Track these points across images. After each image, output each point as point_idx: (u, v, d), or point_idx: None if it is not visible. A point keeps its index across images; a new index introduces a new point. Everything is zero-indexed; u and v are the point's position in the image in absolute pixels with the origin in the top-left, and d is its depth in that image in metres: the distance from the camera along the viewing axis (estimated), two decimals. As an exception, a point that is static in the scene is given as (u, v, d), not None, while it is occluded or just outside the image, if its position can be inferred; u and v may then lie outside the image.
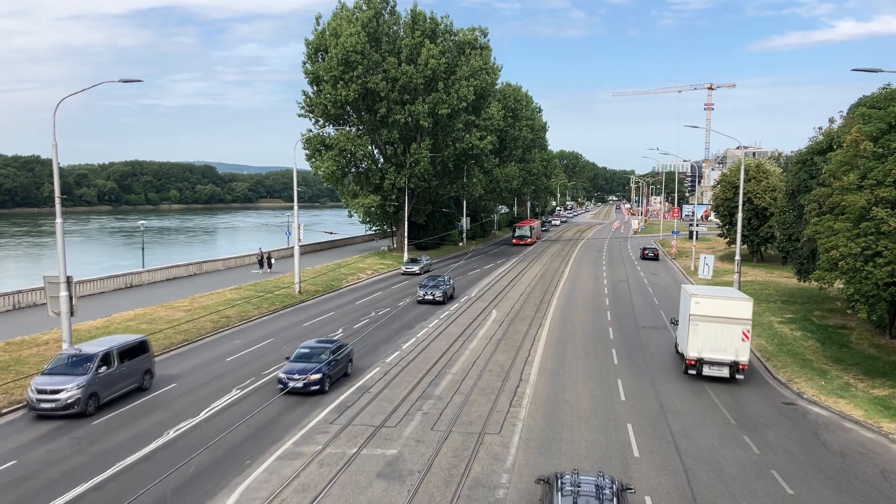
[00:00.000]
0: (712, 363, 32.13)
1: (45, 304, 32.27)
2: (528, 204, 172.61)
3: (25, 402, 26.42)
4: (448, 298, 52.83)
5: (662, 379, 32.27)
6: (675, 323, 38.89)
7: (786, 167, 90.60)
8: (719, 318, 32.18)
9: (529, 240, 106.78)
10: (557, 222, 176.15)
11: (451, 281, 55.23)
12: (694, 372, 32.50)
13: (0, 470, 21.12)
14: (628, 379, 32.10)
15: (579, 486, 15.79)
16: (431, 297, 51.17)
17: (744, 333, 31.96)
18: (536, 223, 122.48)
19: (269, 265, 66.77)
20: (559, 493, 15.66)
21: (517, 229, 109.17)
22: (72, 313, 30.53)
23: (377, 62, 73.71)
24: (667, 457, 22.94)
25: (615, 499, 15.49)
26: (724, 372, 32.03)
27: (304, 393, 28.61)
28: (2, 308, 44.47)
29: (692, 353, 32.46)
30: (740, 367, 31.98)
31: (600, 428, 25.51)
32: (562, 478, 16.46)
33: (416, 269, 69.44)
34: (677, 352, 36.90)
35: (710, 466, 22.21)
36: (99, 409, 26.45)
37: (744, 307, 32.35)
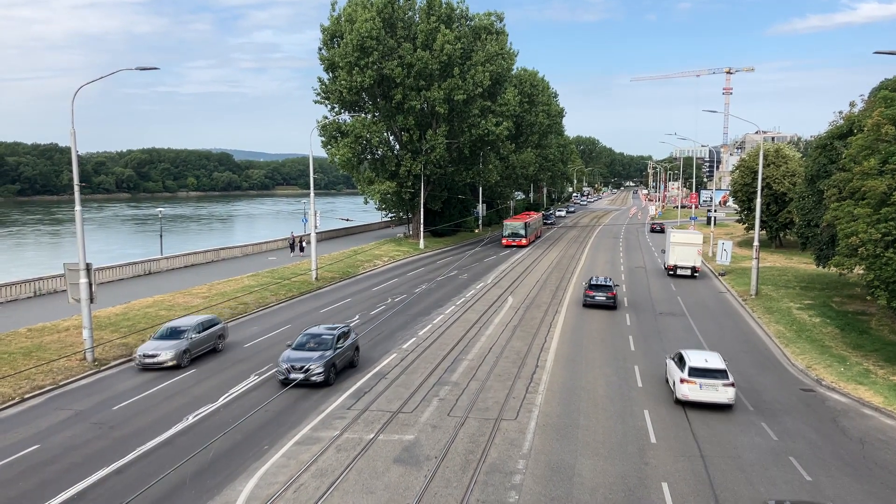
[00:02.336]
0: (681, 267, 58.83)
1: (65, 290, 32.61)
2: (545, 190, 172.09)
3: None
4: (348, 367, 30.44)
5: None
6: (663, 252, 64.85)
7: (805, 152, 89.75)
8: (685, 243, 59.20)
9: (524, 240, 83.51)
10: (563, 213, 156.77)
11: (353, 336, 31.64)
12: (672, 273, 59.11)
13: (23, 454, 21.45)
14: (645, 365, 32.02)
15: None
16: (303, 377, 27.65)
17: (697, 251, 58.81)
18: (535, 217, 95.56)
19: (301, 249, 68.55)
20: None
21: (507, 226, 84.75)
22: (91, 300, 30.85)
23: (392, 48, 73.47)
24: (684, 443, 22.90)
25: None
26: (688, 272, 58.72)
27: (307, 385, 28.10)
28: (23, 295, 45.00)
29: (671, 262, 59.38)
30: (696, 269, 58.86)
31: (617, 414, 25.49)
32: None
33: (163, 356, 30.61)
34: (664, 267, 61.44)
35: (727, 453, 22.16)
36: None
37: (698, 237, 59.77)
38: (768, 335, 38.67)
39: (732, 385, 26.14)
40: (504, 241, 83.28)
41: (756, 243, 49.66)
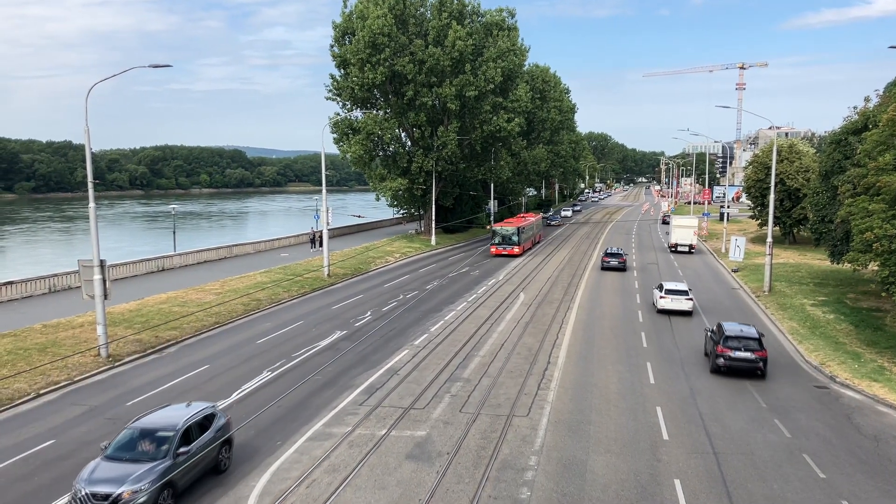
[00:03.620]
0: (681, 244, 74.00)
1: (79, 287, 32.84)
2: (556, 186, 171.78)
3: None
4: (211, 473, 20.10)
5: (692, 362, 32.06)
6: (668, 233, 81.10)
7: (819, 147, 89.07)
8: (683, 226, 75.40)
9: (516, 248, 69.88)
10: (569, 212, 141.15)
11: (222, 421, 20.93)
12: (672, 250, 74.42)
13: (39, 449, 21.64)
14: (658, 362, 31.94)
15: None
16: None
17: (693, 232, 74.84)
18: (532, 220, 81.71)
19: (321, 243, 68.45)
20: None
21: (496, 233, 71.52)
22: (105, 296, 31.03)
23: (404, 45, 73.47)
24: (696, 440, 22.83)
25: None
26: (686, 249, 73.54)
27: (317, 383, 28.36)
28: (38, 291, 45.35)
29: (672, 241, 75.15)
30: (693, 246, 73.98)
31: (629, 411, 25.44)
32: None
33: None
34: (666, 243, 79.34)
35: (740, 449, 22.07)
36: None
37: (693, 221, 78.56)
38: (781, 332, 38.47)
39: (691, 299, 42.45)
40: (492, 249, 70.58)
41: (769, 239, 49.39)
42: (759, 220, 78.57)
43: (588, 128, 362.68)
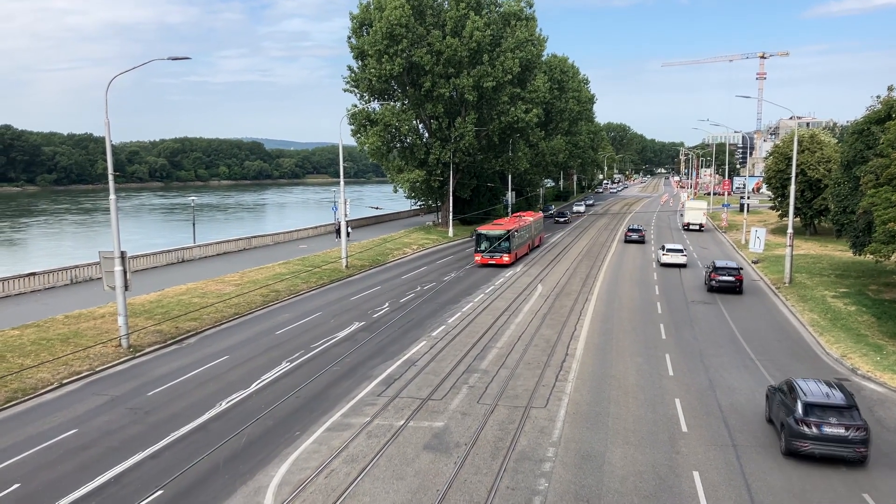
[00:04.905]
0: (692, 223, 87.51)
1: (100, 278, 33.17)
2: (575, 177, 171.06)
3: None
4: None
5: (711, 354, 31.87)
6: (681, 215, 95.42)
7: (841, 137, 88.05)
8: (694, 208, 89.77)
9: (506, 256, 57.20)
10: (581, 207, 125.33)
11: None
12: (685, 228, 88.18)
13: (62, 438, 21.93)
14: (676, 354, 31.78)
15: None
16: None
17: (703, 213, 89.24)
18: (528, 221, 67.58)
19: (347, 234, 69.11)
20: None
21: (481, 237, 58.34)
22: (126, 287, 31.33)
23: (422, 35, 73.33)
24: (716, 432, 22.72)
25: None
26: (697, 228, 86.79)
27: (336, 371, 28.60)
28: (60, 282, 45.88)
29: (685, 221, 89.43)
30: (702, 225, 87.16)
31: (647, 403, 25.35)
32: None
33: None
34: (679, 222, 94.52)
35: (759, 442, 21.93)
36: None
37: (702, 204, 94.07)
38: (802, 323, 38.14)
39: (685, 255, 58.08)
40: (476, 257, 57.56)
41: (790, 230, 48.91)
42: (780, 211, 77.83)
43: (607, 118, 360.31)
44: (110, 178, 31.42)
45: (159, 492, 18.26)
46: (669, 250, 57.88)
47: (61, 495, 18.19)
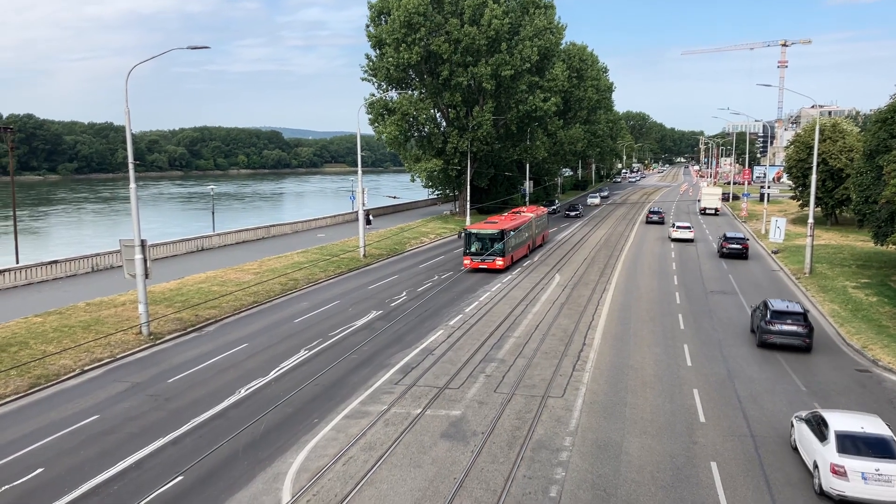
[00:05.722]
0: (708, 208, 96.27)
1: (121, 266, 33.50)
2: (593, 166, 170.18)
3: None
4: None
5: (730, 344, 31.69)
6: (699, 201, 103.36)
7: (864, 126, 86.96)
8: (709, 194, 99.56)
9: (499, 260, 49.20)
10: (597, 199, 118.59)
11: None
12: (702, 212, 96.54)
13: (84, 424, 22.23)
14: (695, 344, 31.64)
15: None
16: None
17: (718, 198, 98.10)
18: (529, 216, 59.93)
19: (368, 221, 69.59)
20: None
21: (471, 237, 50.45)
22: (146, 275, 31.60)
23: (440, 24, 73.10)
24: (734, 422, 22.62)
25: None
26: (712, 212, 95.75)
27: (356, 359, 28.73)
28: (82, 270, 46.39)
29: (701, 206, 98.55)
30: (717, 209, 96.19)
31: (665, 393, 25.28)
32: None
33: None
34: (698, 210, 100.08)
35: (778, 433, 21.81)
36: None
37: (717, 191, 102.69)
38: (822, 314, 37.82)
39: (692, 231, 66.91)
40: (466, 261, 49.73)
41: (811, 220, 48.44)
42: (801, 201, 77.11)
43: (626, 107, 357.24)
44: (130, 166, 31.66)
45: (179, 477, 18.48)
46: (679, 227, 67.03)
47: (84, 480, 18.46)
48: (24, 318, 32.85)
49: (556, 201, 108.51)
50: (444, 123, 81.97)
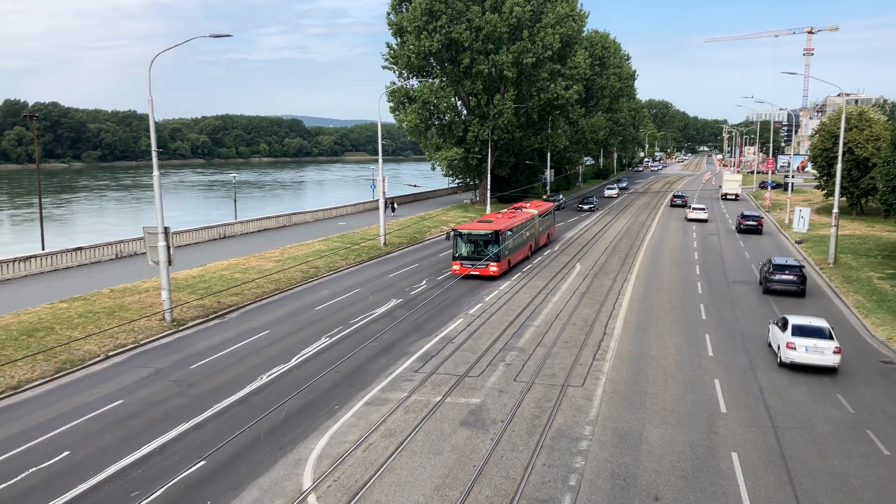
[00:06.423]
0: (728, 193, 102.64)
1: (144, 253, 33.83)
2: (615, 155, 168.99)
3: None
4: None
5: (752, 335, 31.46)
6: (719, 186, 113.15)
7: (891, 115, 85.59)
8: (730, 180, 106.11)
9: (493, 266, 42.59)
10: (614, 190, 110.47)
11: None
12: (724, 197, 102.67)
13: (109, 408, 22.54)
14: (716, 334, 31.45)
15: None
16: None
17: (738, 184, 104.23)
18: (533, 213, 53.60)
19: (392, 209, 70.20)
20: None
21: (461, 238, 43.62)
22: (169, 262, 31.90)
23: (461, 11, 72.68)
24: (755, 413, 22.49)
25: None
26: (733, 197, 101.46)
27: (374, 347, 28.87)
28: (106, 257, 46.90)
29: (723, 191, 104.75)
30: (738, 195, 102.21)
31: (686, 383, 25.17)
32: None
33: None
34: (720, 195, 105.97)
35: (800, 424, 21.67)
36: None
37: (738, 177, 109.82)
38: (846, 305, 37.43)
39: (707, 212, 74.88)
40: (455, 266, 43.47)
41: (835, 210, 47.84)
42: (825, 191, 76.21)
43: (648, 95, 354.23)
44: (154, 154, 31.94)
45: (202, 462, 18.70)
46: (695, 208, 75.41)
47: (109, 463, 18.74)
48: (50, 304, 33.31)
49: (562, 196, 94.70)
50: (464, 112, 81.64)
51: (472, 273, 42.91)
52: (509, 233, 45.28)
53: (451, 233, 44.43)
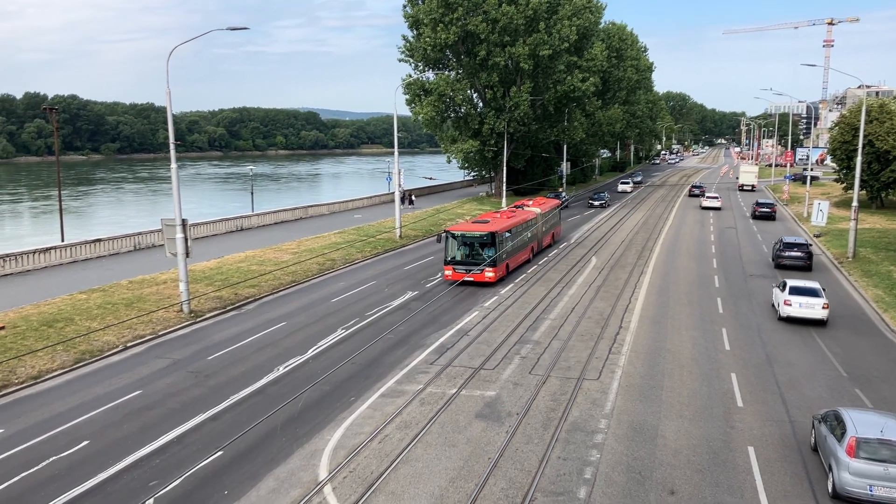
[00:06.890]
0: (745, 184, 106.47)
1: (162, 245, 34.10)
2: (632, 148, 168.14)
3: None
4: None
5: (769, 329, 31.28)
6: (736, 178, 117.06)
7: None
8: (747, 172, 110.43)
9: (488, 272, 38.90)
10: (628, 185, 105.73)
11: None
12: (741, 188, 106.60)
13: (127, 399, 22.78)
14: (733, 328, 31.28)
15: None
16: None
17: (754, 175, 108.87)
18: (536, 212, 50.10)
19: (411, 202, 70.60)
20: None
21: (453, 240, 40.14)
22: (187, 254, 32.13)
23: (477, 3, 72.52)
24: (772, 407, 22.37)
25: None
26: (749, 188, 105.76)
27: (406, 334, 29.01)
28: (124, 249, 47.31)
29: (740, 182, 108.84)
30: (754, 186, 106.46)
31: (703, 377, 25.07)
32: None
33: None
34: (737, 187, 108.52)
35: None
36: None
37: (754, 168, 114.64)
38: (865, 299, 37.09)
39: (720, 200, 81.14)
40: (447, 271, 39.95)
41: (855, 203, 47.37)
42: (845, 184, 75.39)
43: (665, 87, 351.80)
44: (171, 147, 32.11)
45: (219, 452, 18.85)
46: (709, 197, 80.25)
47: (128, 452, 18.95)
48: (69, 295, 33.67)
49: (564, 193, 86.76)
50: (480, 104, 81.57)
51: (465, 279, 39.16)
52: (507, 234, 41.73)
53: (443, 234, 41.17)
